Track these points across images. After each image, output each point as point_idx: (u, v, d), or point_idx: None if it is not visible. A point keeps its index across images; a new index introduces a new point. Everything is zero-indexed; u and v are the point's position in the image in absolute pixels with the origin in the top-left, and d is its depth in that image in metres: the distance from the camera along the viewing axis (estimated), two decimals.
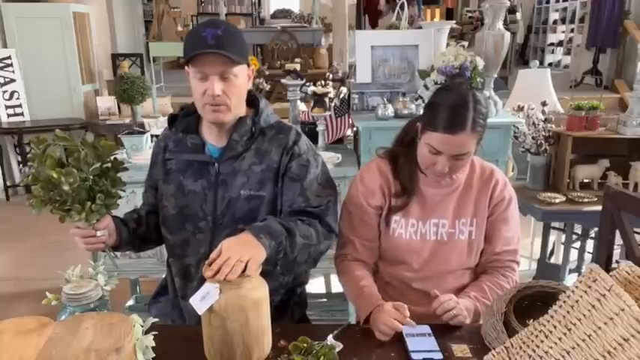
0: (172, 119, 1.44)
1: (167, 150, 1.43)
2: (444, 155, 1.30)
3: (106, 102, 5.18)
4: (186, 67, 1.30)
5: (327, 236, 1.34)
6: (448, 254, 1.42)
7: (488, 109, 1.34)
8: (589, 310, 0.91)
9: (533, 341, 1.01)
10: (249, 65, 1.33)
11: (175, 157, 1.41)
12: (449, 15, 7.72)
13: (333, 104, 2.71)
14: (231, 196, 1.34)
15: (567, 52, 8.37)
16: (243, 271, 1.07)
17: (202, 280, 1.35)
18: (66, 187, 1.15)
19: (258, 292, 1.09)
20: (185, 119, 1.41)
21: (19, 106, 4.96)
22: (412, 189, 1.42)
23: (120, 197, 1.28)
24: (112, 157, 1.25)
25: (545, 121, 2.38)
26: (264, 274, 1.14)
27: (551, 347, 0.97)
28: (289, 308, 1.48)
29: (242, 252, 1.10)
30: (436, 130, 1.28)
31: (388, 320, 1.22)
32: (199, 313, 1.07)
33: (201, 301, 1.06)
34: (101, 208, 1.22)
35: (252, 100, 1.40)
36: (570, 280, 2.63)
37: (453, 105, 1.29)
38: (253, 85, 2.95)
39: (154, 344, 1.02)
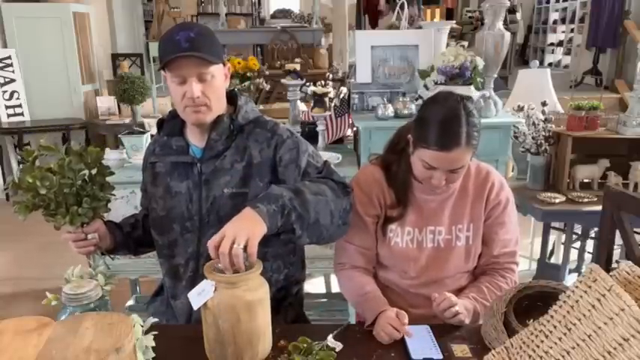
0: (161, 123, 1.45)
1: (154, 154, 1.45)
2: (440, 170, 1.28)
3: (106, 102, 5.19)
4: (162, 72, 1.31)
5: (344, 192, 1.28)
6: (445, 261, 1.41)
7: (480, 117, 1.29)
8: (589, 310, 0.91)
9: (533, 341, 1.01)
10: (224, 64, 1.34)
11: (160, 159, 1.42)
12: (449, 15, 7.70)
13: (333, 104, 2.71)
14: (215, 195, 1.34)
15: (567, 52, 8.36)
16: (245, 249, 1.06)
17: (192, 280, 1.36)
18: (43, 191, 1.19)
19: (254, 294, 1.08)
20: (170, 122, 1.42)
21: (19, 106, 4.96)
22: (407, 200, 1.40)
23: (109, 201, 1.32)
24: (98, 163, 1.28)
25: (545, 121, 2.38)
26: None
27: (551, 347, 0.97)
28: (283, 309, 1.46)
29: (237, 231, 1.06)
30: (428, 147, 1.25)
31: (386, 327, 1.22)
32: (194, 307, 1.08)
33: (198, 296, 1.07)
34: (88, 211, 1.26)
35: (232, 98, 1.41)
36: (570, 280, 2.63)
37: (443, 121, 1.24)
38: (253, 85, 2.95)
39: (154, 344, 1.02)
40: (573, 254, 2.85)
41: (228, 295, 1.05)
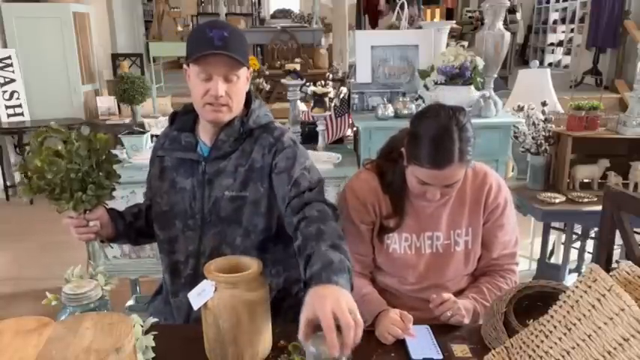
0: (174, 116, 1.45)
1: (163, 147, 1.45)
2: (434, 186, 1.27)
3: (106, 102, 5.19)
4: (185, 67, 1.31)
5: (336, 216, 1.25)
6: (445, 266, 1.39)
7: (473, 130, 1.26)
8: (589, 310, 0.91)
9: (533, 341, 1.01)
10: (248, 67, 1.34)
11: (167, 154, 1.42)
12: (449, 15, 7.70)
13: (333, 104, 2.71)
14: (216, 195, 1.35)
15: (567, 52, 8.36)
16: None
17: (191, 278, 1.36)
18: (50, 176, 1.19)
19: (254, 295, 1.08)
20: (183, 117, 1.42)
21: (19, 106, 4.96)
22: (403, 209, 1.38)
23: (114, 189, 1.31)
24: (106, 150, 1.27)
25: (545, 121, 2.38)
26: None
27: (551, 347, 0.97)
28: (283, 309, 1.45)
29: (343, 305, 0.94)
30: (422, 165, 1.23)
31: (391, 328, 1.21)
32: (194, 308, 1.08)
33: (198, 296, 1.07)
34: (92, 198, 1.26)
35: (247, 101, 1.41)
36: (570, 280, 2.62)
37: (435, 137, 1.21)
38: (253, 85, 2.96)
39: (153, 344, 1.02)
40: (573, 254, 2.84)
41: (228, 295, 1.05)
